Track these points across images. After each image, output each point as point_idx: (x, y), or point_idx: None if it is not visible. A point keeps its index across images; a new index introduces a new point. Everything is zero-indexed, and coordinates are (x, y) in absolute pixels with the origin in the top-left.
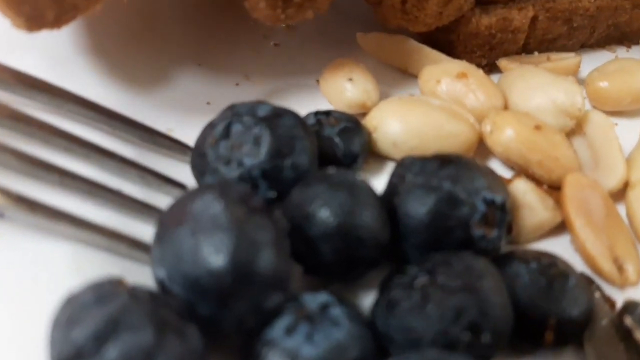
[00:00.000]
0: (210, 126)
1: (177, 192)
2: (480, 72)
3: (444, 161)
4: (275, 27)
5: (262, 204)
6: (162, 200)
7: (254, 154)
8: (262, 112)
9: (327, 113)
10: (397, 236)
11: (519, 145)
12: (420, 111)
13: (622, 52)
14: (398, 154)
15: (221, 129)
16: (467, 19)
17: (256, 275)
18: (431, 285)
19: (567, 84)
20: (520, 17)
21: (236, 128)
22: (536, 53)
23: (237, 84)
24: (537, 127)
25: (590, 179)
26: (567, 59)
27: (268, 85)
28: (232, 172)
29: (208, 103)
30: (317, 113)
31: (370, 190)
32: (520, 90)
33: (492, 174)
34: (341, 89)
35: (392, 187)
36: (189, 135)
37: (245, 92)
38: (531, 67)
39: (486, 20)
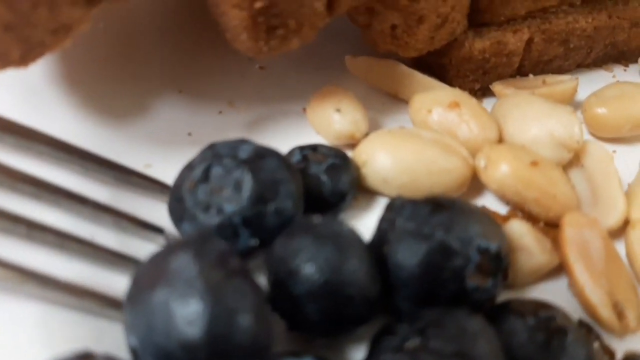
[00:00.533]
0: (189, 168)
1: (156, 237)
2: (474, 101)
3: (437, 206)
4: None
5: (240, 266)
6: (140, 247)
7: (235, 199)
8: (243, 153)
9: (314, 148)
10: (387, 288)
11: (514, 182)
12: (411, 145)
13: (619, 71)
14: (389, 191)
15: (200, 172)
16: (459, 43)
17: (233, 348)
18: (423, 350)
19: (564, 114)
20: (515, 40)
21: (216, 171)
22: (531, 76)
23: (220, 112)
24: (534, 163)
25: (588, 218)
26: (564, 82)
27: (253, 112)
28: (212, 219)
29: (189, 134)
30: (303, 148)
31: (358, 241)
32: (516, 120)
33: (486, 217)
34: (329, 120)
35: (381, 233)
36: (169, 171)
37: (229, 121)
38: (526, 95)
39: (480, 44)
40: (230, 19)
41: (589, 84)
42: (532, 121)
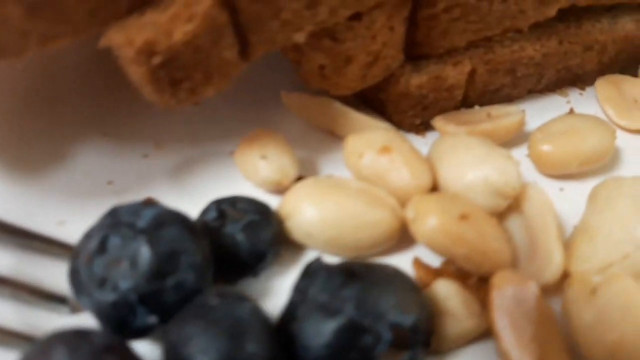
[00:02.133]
0: (87, 237)
1: (60, 308)
2: (407, 144)
3: (350, 275)
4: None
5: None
6: (43, 319)
7: (131, 274)
8: (143, 220)
9: (233, 202)
10: None
11: (442, 236)
12: (336, 197)
13: (575, 95)
14: (314, 245)
15: (96, 243)
16: (395, 79)
17: None
18: None
19: (500, 159)
20: (455, 74)
21: (113, 241)
22: (476, 107)
23: (145, 155)
24: (463, 216)
25: (519, 277)
26: (510, 115)
27: (180, 154)
28: (107, 297)
29: (109, 182)
30: (221, 202)
31: (259, 324)
32: (451, 165)
33: (405, 285)
34: (255, 167)
35: (291, 307)
36: (85, 226)
37: (154, 165)
38: (464, 136)
39: (417, 80)
40: (131, 73)
41: (540, 111)
42: (467, 166)
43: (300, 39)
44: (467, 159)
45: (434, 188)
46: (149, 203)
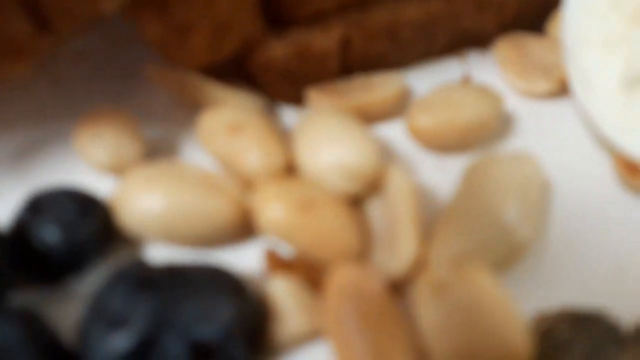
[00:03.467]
0: None
1: None
2: (260, 122)
3: (147, 284)
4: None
5: None
6: None
7: None
8: None
9: (48, 192)
10: None
11: (283, 227)
12: (171, 185)
13: (475, 58)
14: (149, 237)
15: None
16: (255, 48)
17: None
18: None
19: (358, 139)
20: (324, 41)
21: None
22: (357, 76)
23: None
24: (305, 204)
25: (363, 270)
26: (390, 85)
27: (21, 135)
28: None
29: None
30: (38, 193)
31: (30, 340)
32: (307, 145)
33: (218, 290)
34: (88, 150)
35: (83, 319)
36: None
37: None
38: (324, 112)
39: (279, 50)
40: None
41: (434, 78)
42: (322, 146)
43: (108, 7)
44: (323, 137)
45: (294, 171)
46: None
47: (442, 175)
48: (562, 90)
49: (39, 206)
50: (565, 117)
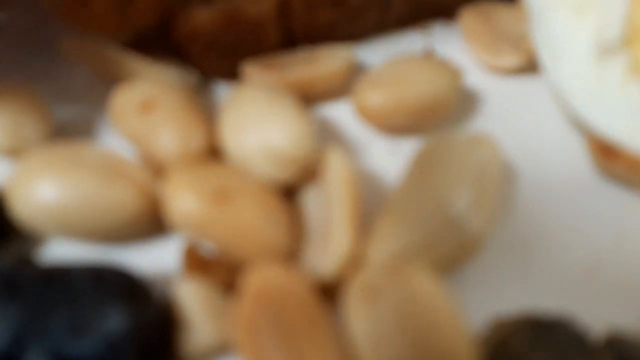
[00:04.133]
0: None
1: None
2: (176, 99)
3: (12, 290)
4: None
5: None
6: None
7: None
8: None
9: None
10: None
11: (192, 220)
12: (70, 171)
13: (439, 29)
14: (48, 231)
15: None
16: (178, 15)
17: None
18: None
19: (286, 117)
20: (257, 7)
21: None
22: (303, 49)
23: None
24: (220, 193)
25: (287, 271)
26: (336, 59)
27: None
28: None
29: None
30: None
31: None
32: (235, 126)
33: (102, 296)
34: None
35: None
36: None
37: None
38: (254, 89)
39: (205, 16)
40: None
41: (392, 51)
42: (248, 127)
43: None
44: (249, 117)
45: (218, 156)
46: None
47: (394, 160)
48: (532, 65)
49: None
50: (535, 95)
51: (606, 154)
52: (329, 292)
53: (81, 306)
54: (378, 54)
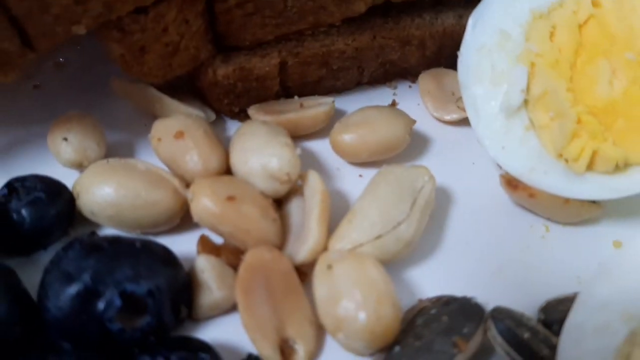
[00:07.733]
0: None
1: None
2: (201, 130)
3: (93, 248)
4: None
5: None
6: None
7: None
8: None
9: (24, 180)
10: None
11: (210, 216)
12: (120, 178)
13: (404, 87)
14: (102, 222)
15: None
16: (205, 69)
17: None
18: None
19: (279, 147)
20: (262, 65)
21: None
22: (295, 97)
23: None
24: (230, 198)
25: (274, 254)
26: (319, 106)
27: (2, 135)
28: None
29: None
30: (16, 180)
31: (6, 288)
32: (240, 151)
33: (149, 258)
34: (58, 149)
35: (44, 275)
36: None
37: None
38: (257, 124)
39: (223, 70)
40: None
41: (366, 103)
42: (251, 152)
43: (80, 31)
44: (252, 145)
45: (229, 172)
46: None
47: (358, 184)
48: (467, 119)
49: (15, 190)
50: (468, 141)
51: (512, 186)
52: (303, 272)
53: (138, 264)
54: (354, 103)
